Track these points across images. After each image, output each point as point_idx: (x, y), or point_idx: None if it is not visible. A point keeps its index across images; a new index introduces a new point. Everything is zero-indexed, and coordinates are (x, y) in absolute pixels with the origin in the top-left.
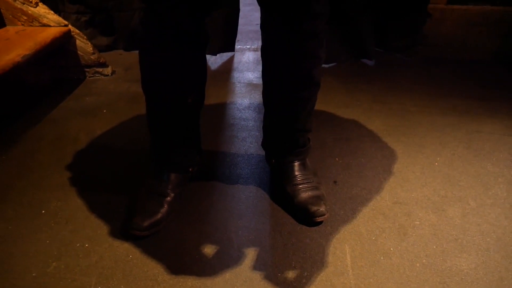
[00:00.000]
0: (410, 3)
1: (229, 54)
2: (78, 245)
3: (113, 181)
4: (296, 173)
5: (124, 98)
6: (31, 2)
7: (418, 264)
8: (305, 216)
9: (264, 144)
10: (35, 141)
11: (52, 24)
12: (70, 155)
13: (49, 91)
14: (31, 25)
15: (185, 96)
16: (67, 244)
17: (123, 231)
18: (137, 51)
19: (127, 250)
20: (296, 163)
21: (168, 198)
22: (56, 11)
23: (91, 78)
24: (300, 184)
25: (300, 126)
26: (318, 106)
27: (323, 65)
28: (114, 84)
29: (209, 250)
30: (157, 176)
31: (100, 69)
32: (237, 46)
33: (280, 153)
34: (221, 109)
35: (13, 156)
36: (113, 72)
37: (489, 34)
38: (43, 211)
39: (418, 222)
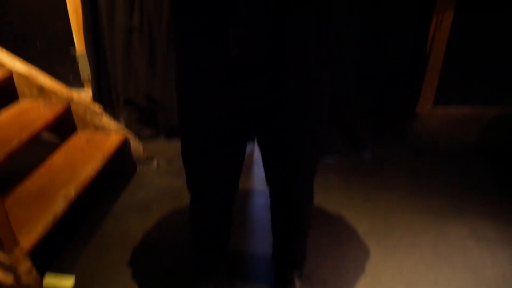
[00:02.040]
0: (400, 105)
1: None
2: None
3: (169, 278)
4: (295, 281)
5: (169, 194)
6: (97, 114)
7: None
8: None
9: (272, 257)
10: (105, 238)
11: (113, 131)
12: (134, 253)
13: (108, 185)
14: (97, 131)
15: (218, 242)
16: None
17: None
18: (176, 140)
19: None
20: (295, 274)
21: None
22: (112, 107)
23: (140, 171)
24: None
25: (297, 254)
26: (318, 203)
27: (327, 160)
28: (160, 179)
29: None
30: (199, 281)
31: (148, 164)
32: None
33: (283, 266)
34: (240, 207)
35: (91, 251)
36: (158, 165)
37: (471, 129)
38: None
39: None
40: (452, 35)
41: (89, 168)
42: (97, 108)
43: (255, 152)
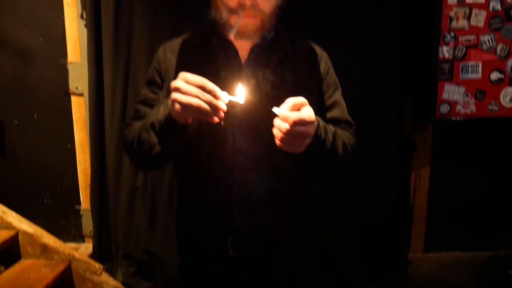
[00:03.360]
0: (392, 253)
1: None
2: None
3: None
4: None
5: None
6: (97, 272)
7: None
8: None
9: None
10: None
11: None
12: None
13: None
14: None
15: None
16: None
17: None
18: None
19: None
20: None
21: None
22: (111, 261)
23: None
24: None
25: None
26: None
27: None
28: None
29: None
30: None
31: None
32: None
33: None
34: None
35: None
36: None
37: (464, 274)
38: None
39: None
40: (432, 187)
41: None
42: (96, 266)
43: None
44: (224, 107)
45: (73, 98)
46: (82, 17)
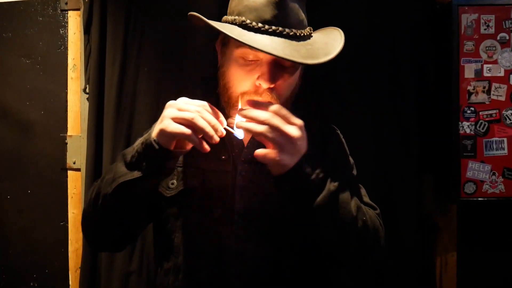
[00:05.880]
0: None
1: None
2: None
3: None
4: None
5: None
6: None
7: None
8: None
9: None
10: None
11: None
12: None
13: None
14: None
15: None
16: None
17: None
18: None
19: None
20: None
21: None
22: None
23: None
24: None
25: None
26: None
27: None
28: None
29: None
30: None
31: None
32: None
33: None
34: None
35: None
36: None
37: None
38: None
39: None
40: (461, 274)
41: None
42: None
43: None
44: (223, 131)
45: (69, 172)
46: (85, 91)
